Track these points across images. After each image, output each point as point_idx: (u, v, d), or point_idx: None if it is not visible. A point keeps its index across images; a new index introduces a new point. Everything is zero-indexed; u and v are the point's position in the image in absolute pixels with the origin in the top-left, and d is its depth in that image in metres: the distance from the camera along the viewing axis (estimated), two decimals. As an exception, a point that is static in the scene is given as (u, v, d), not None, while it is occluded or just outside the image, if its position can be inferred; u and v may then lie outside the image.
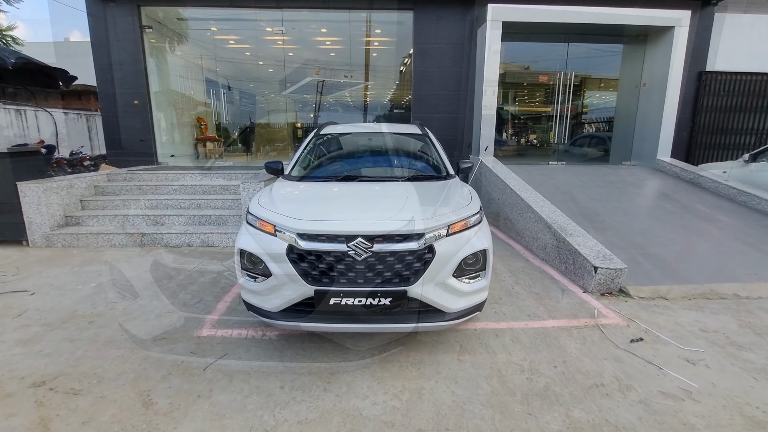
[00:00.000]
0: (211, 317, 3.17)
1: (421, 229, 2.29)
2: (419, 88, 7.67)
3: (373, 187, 2.97)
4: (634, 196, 6.28)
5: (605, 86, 10.29)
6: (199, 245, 5.12)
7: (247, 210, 2.70)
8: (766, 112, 8.06)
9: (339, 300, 2.29)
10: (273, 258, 2.38)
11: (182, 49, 9.39)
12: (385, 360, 2.59)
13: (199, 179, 6.22)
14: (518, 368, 2.51)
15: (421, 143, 3.85)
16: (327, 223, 2.31)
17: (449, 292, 2.41)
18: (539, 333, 2.97)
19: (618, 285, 3.70)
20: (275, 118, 12.30)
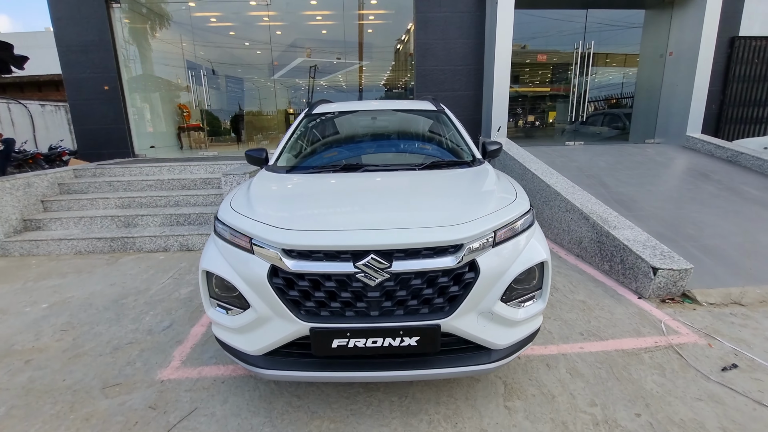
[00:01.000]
0: (182, 350, 2.50)
1: (460, 239, 1.60)
2: (422, 64, 6.88)
3: (382, 180, 2.26)
4: (669, 177, 5.59)
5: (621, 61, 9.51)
6: (177, 249, 4.42)
7: (215, 216, 2.00)
8: (804, 81, 7.33)
9: (345, 341, 1.61)
10: (250, 284, 1.69)
11: (158, 29, 8.51)
12: (409, 411, 1.93)
13: (178, 172, 5.49)
14: (590, 420, 1.86)
15: (437, 122, 3.13)
16: (324, 235, 1.62)
17: (496, 322, 1.74)
18: (601, 360, 2.31)
19: (681, 289, 3.05)
20: (265, 104, 11.48)
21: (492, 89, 6.47)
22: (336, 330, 1.61)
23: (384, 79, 11.18)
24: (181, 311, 3.02)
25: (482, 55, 6.83)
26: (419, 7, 6.68)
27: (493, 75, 6.39)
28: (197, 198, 4.95)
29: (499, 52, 6.28)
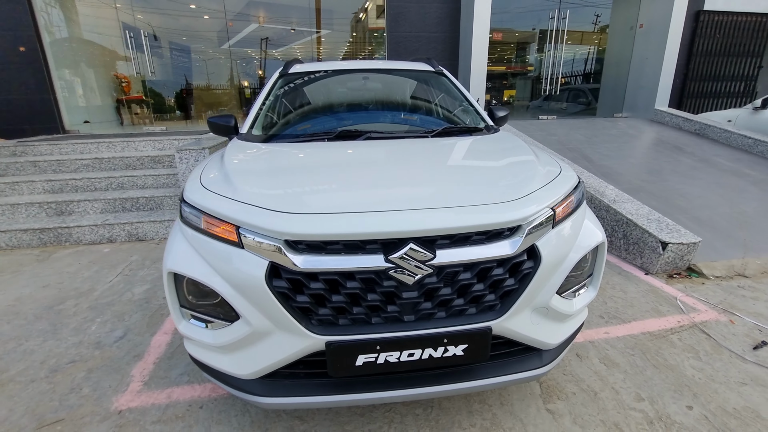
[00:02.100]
0: (142, 367, 2.01)
1: (519, 219, 1.26)
2: (394, 29, 6.37)
3: (394, 149, 1.84)
4: (646, 150, 5.61)
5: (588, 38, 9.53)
6: (125, 239, 3.77)
7: (181, 197, 1.50)
8: (757, 57, 7.65)
9: (374, 357, 1.24)
10: (239, 288, 1.25)
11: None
12: (438, 425, 1.62)
13: (120, 150, 4.70)
14: (643, 418, 1.64)
15: (438, 85, 2.72)
16: (344, 219, 1.20)
17: (551, 318, 1.44)
18: (631, 346, 2.12)
19: (687, 263, 2.95)
20: (216, 77, 10.43)
21: (470, 60, 6.12)
22: (362, 343, 1.22)
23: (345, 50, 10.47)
24: (136, 316, 2.48)
25: (458, 21, 6.43)
26: (392, -34, 6.11)
27: (471, 43, 6.03)
28: (146, 179, 4.25)
29: (478, 19, 5.91)
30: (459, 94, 2.61)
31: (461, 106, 2.52)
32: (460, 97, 2.58)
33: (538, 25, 10.62)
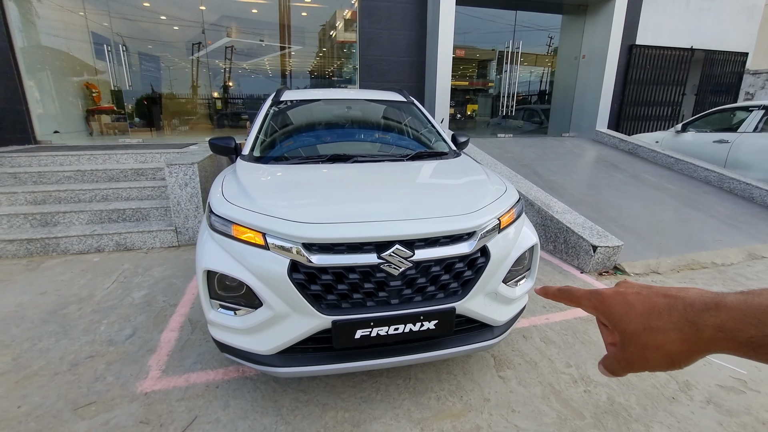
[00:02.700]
0: (157, 359, 2.29)
1: (474, 226, 1.73)
2: (366, 53, 6.88)
3: (378, 171, 2.29)
4: (588, 167, 6.40)
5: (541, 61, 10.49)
6: (113, 249, 3.94)
7: (209, 209, 1.86)
8: (681, 85, 8.83)
9: (368, 331, 1.65)
10: (266, 281, 1.63)
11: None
12: (416, 391, 2.04)
13: (102, 162, 4.83)
14: (570, 379, 2.15)
15: (410, 113, 3.21)
16: (348, 227, 1.62)
17: (499, 301, 1.91)
18: (565, 327, 2.65)
19: (614, 263, 3.58)
20: (186, 87, 10.51)
21: (435, 82, 6.73)
22: (360, 321, 1.63)
23: (313, 66, 10.83)
24: (141, 317, 2.74)
25: (424, 47, 7.04)
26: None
27: (436, 68, 6.64)
28: (130, 191, 4.42)
29: (442, 46, 6.54)
30: (427, 122, 3.10)
31: (430, 132, 3.01)
32: (428, 125, 3.07)
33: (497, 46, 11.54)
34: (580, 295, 0.46)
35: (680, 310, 0.38)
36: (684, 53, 8.68)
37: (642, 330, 0.39)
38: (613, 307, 0.42)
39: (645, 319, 0.39)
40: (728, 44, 9.12)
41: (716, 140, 6.17)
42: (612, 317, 0.42)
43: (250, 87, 11.21)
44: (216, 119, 10.45)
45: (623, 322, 0.41)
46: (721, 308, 0.35)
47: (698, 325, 0.36)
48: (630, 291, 0.43)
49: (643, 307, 0.40)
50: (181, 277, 3.35)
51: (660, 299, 0.40)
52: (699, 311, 0.36)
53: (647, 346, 0.39)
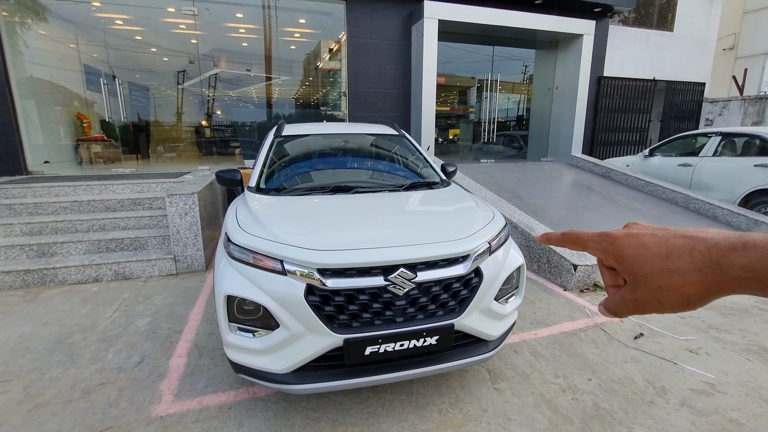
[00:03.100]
0: (169, 384, 2.38)
1: (469, 250, 1.94)
2: (355, 86, 7.24)
3: (378, 200, 2.51)
4: (566, 190, 6.80)
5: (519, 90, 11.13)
6: (112, 278, 3.99)
7: (227, 239, 2.03)
8: (647, 113, 9.51)
9: (377, 348, 1.82)
10: (284, 304, 1.79)
11: (49, 28, 7.40)
12: (418, 405, 2.19)
13: (98, 192, 4.90)
14: (558, 388, 2.34)
15: (402, 146, 3.47)
16: (356, 253, 1.81)
17: (492, 317, 2.11)
18: (552, 342, 2.86)
19: (593, 280, 3.85)
20: (177, 116, 10.67)
21: (420, 112, 7.11)
22: (369, 338, 1.80)
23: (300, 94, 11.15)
24: (147, 344, 2.81)
25: (409, 80, 7.46)
26: (352, 33, 7.05)
27: (421, 99, 7.04)
28: (128, 221, 4.50)
29: (426, 79, 6.96)
30: (418, 153, 3.37)
31: (420, 163, 3.27)
32: (419, 156, 3.34)
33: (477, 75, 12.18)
34: (586, 238, 0.45)
35: (702, 251, 0.36)
36: (648, 84, 9.41)
37: (658, 272, 0.38)
38: (626, 249, 0.40)
39: (662, 261, 0.38)
40: (687, 75, 9.94)
41: (681, 164, 6.68)
42: (624, 260, 0.41)
43: (239, 115, 11.45)
44: (205, 147, 10.58)
45: (637, 264, 0.39)
46: (749, 248, 0.33)
47: (723, 266, 0.34)
48: (644, 233, 0.41)
49: (659, 249, 0.38)
50: (183, 305, 3.44)
51: (679, 240, 0.38)
52: (724, 251, 0.34)
53: (663, 288, 0.38)
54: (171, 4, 7.08)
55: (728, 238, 0.35)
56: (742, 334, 2.95)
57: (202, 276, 4.11)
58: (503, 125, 11.76)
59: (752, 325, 3.08)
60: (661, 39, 9.50)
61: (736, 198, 5.80)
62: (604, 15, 8.36)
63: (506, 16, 7.17)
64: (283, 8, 7.23)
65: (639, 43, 9.07)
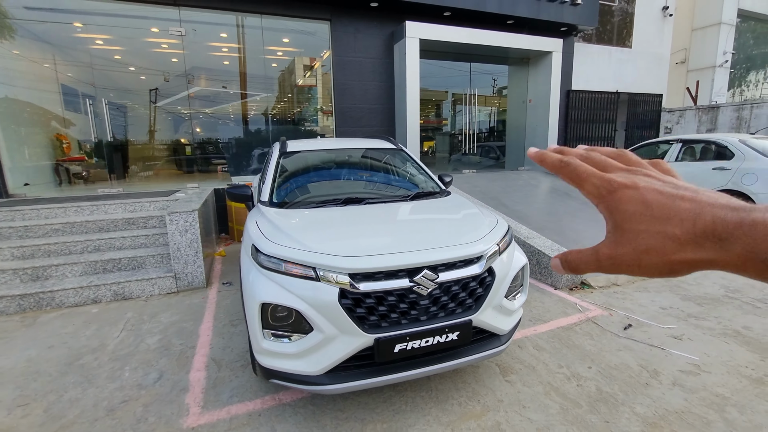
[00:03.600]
0: (193, 396, 2.42)
1: (482, 251, 2.13)
2: (340, 102, 7.45)
3: (391, 209, 2.68)
4: (545, 197, 7.18)
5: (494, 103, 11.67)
6: (111, 299, 3.94)
7: (255, 250, 2.14)
8: (612, 123, 10.17)
9: (405, 345, 1.96)
10: (318, 308, 1.91)
11: (24, 48, 7.26)
12: (439, 400, 2.33)
13: (89, 213, 4.83)
14: (563, 377, 2.54)
15: (401, 158, 3.67)
16: (384, 258, 1.96)
17: (503, 313, 2.30)
18: (552, 337, 3.07)
19: (580, 279, 4.12)
20: (150, 134, 10.55)
21: (405, 125, 7.38)
22: (398, 336, 1.95)
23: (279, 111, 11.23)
24: (163, 361, 2.83)
25: (393, 95, 7.75)
26: (337, 51, 7.29)
27: (405, 114, 7.31)
28: (124, 240, 4.47)
29: (410, 95, 7.26)
30: (416, 165, 3.57)
31: (421, 174, 3.47)
32: (418, 167, 3.54)
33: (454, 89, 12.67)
34: (585, 176, 0.39)
35: (707, 221, 0.31)
36: (611, 96, 10.10)
37: (652, 233, 0.34)
38: (624, 202, 0.36)
39: (661, 223, 0.34)
40: (646, 87, 10.74)
41: (647, 169, 7.21)
42: (618, 212, 0.36)
43: (221, 132, 11.42)
44: (188, 165, 10.49)
45: (631, 221, 0.35)
46: (758, 225, 0.29)
47: (726, 242, 0.30)
48: (649, 186, 0.36)
49: (661, 210, 0.34)
50: (191, 321, 3.45)
51: (685, 204, 0.33)
52: (731, 227, 0.30)
53: (650, 251, 0.34)
54: (156, 25, 7.10)
55: (736, 211, 0.31)
56: (718, 320, 3.27)
57: (204, 293, 4.12)
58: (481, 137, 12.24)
59: (725, 312, 3.40)
60: (622, 55, 10.26)
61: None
62: (570, 33, 8.99)
63: (482, 35, 7.61)
64: (269, 28, 7.39)
65: (602, 59, 9.77)
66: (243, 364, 2.76)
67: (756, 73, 18.09)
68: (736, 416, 2.15)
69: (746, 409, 2.21)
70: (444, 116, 14.06)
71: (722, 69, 13.74)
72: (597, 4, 8.71)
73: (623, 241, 0.36)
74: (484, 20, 7.96)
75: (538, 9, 8.01)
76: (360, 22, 7.33)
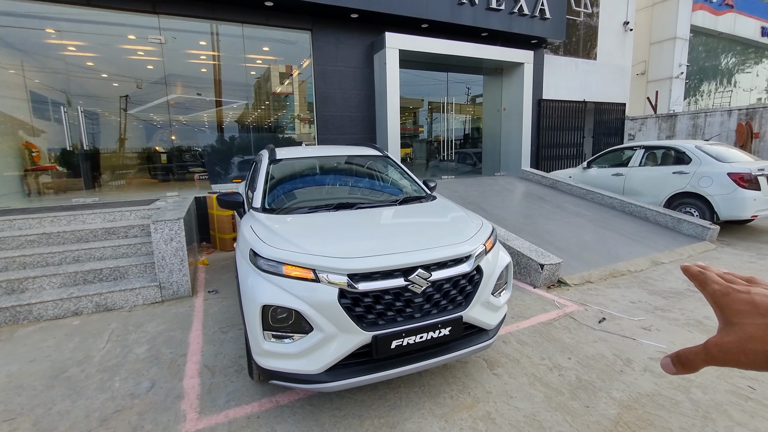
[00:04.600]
0: (189, 403, 2.43)
1: (471, 250, 2.28)
2: (322, 110, 7.55)
3: (382, 213, 2.79)
4: (521, 201, 7.49)
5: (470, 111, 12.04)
6: (93, 311, 3.85)
7: (255, 254, 2.20)
8: (580, 130, 10.71)
9: (401, 341, 2.07)
10: (318, 308, 1.99)
11: None
12: (431, 394, 2.44)
13: (66, 224, 4.70)
14: (546, 368, 2.70)
15: (387, 164, 3.80)
16: (380, 258, 2.07)
17: (489, 309, 2.44)
18: (533, 332, 3.25)
19: (557, 277, 4.36)
20: (133, 142, 10.30)
21: (386, 133, 7.54)
22: (395, 333, 2.05)
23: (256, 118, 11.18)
24: (154, 370, 2.81)
25: (373, 104, 7.91)
26: (318, 60, 7.39)
27: (386, 121, 7.48)
28: (104, 251, 4.37)
29: (390, 103, 7.44)
30: (403, 171, 3.71)
31: (408, 180, 3.61)
32: (404, 173, 3.68)
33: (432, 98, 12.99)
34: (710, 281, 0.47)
35: None
36: (579, 105, 10.65)
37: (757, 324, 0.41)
38: (735, 302, 0.43)
39: (762, 316, 0.41)
40: (610, 97, 11.38)
41: (614, 174, 7.66)
42: (729, 310, 0.44)
43: (198, 140, 11.23)
44: (162, 174, 10.27)
45: (739, 315, 0.42)
46: None
47: None
48: (760, 292, 0.43)
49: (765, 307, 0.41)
50: (179, 330, 3.43)
51: None
52: None
53: (754, 338, 0.40)
54: (134, 33, 7.00)
55: None
56: (682, 312, 3.55)
57: (190, 301, 4.08)
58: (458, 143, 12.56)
59: (688, 305, 3.69)
60: (587, 66, 10.86)
61: (661, 200, 6.77)
62: (540, 46, 9.46)
63: (458, 46, 7.91)
64: (250, 37, 7.42)
65: (570, 70, 10.31)
66: (237, 369, 2.78)
67: (708, 84, 19.47)
68: (700, 396, 2.37)
69: (708, 389, 2.43)
70: (421, 124, 14.37)
71: (678, 80, 14.73)
72: (564, 19, 9.22)
73: (731, 332, 0.43)
74: (460, 32, 8.28)
75: (510, 22, 8.41)
76: (341, 32, 7.47)
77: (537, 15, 8.61)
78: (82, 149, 7.56)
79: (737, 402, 2.31)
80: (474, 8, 7.96)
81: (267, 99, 10.51)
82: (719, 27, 16.64)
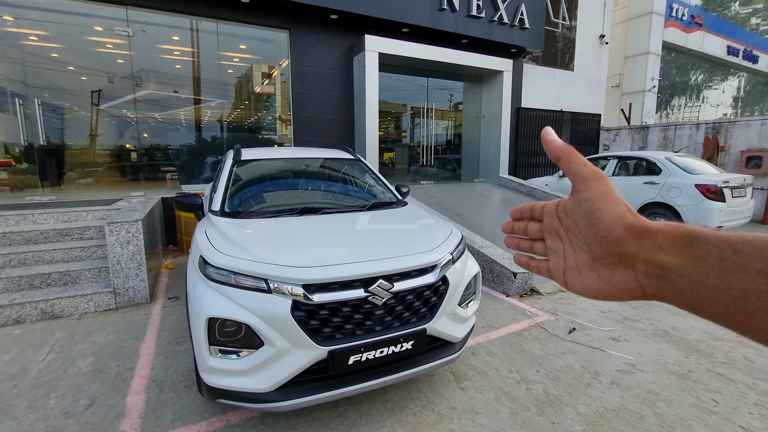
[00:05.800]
0: (130, 422, 2.23)
1: (436, 260, 2.18)
2: (299, 111, 7.38)
3: (347, 220, 2.66)
4: (498, 207, 7.49)
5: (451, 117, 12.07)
6: (38, 318, 3.57)
7: (204, 262, 2.03)
8: (557, 140, 10.87)
9: (359, 356, 1.94)
10: (270, 321, 1.85)
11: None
12: (394, 411, 2.32)
13: (14, 224, 4.38)
14: (514, 381, 2.62)
15: (359, 169, 3.68)
16: (339, 268, 1.94)
17: (456, 321, 2.35)
18: (503, 342, 3.18)
19: (530, 286, 4.32)
20: (100, 138, 9.83)
21: (365, 136, 7.43)
22: (352, 348, 1.92)
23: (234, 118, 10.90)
24: (96, 385, 2.59)
25: (352, 106, 7.79)
26: (296, 60, 7.23)
27: (365, 125, 7.37)
28: (55, 253, 4.08)
29: (369, 107, 7.34)
30: (374, 175, 3.60)
31: (379, 185, 3.50)
32: (376, 178, 3.57)
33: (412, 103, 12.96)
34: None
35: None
36: (557, 114, 10.82)
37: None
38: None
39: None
40: (586, 107, 11.62)
41: (589, 183, 7.76)
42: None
43: (171, 139, 10.84)
44: (130, 172, 9.84)
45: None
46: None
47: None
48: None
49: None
50: (130, 340, 3.20)
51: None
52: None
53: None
54: (100, 24, 6.68)
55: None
56: (650, 321, 3.55)
57: (147, 309, 3.84)
58: (438, 149, 12.56)
59: (656, 314, 3.70)
60: (565, 77, 11.07)
61: (634, 209, 6.87)
62: (519, 55, 9.56)
63: (438, 52, 7.89)
64: (225, 33, 7.20)
65: (548, 80, 10.47)
66: (188, 384, 2.59)
67: (678, 98, 20.24)
68: (665, 410, 2.33)
69: (673, 403, 2.40)
70: (403, 128, 14.34)
71: (651, 93, 15.21)
72: (543, 29, 9.36)
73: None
74: (441, 38, 8.27)
75: (490, 31, 8.46)
76: (320, 33, 7.34)
77: (516, 24, 8.70)
78: (41, 145, 7.14)
79: (701, 416, 2.28)
80: (455, 15, 7.97)
81: (248, 98, 10.25)
82: (689, 44, 17.31)
